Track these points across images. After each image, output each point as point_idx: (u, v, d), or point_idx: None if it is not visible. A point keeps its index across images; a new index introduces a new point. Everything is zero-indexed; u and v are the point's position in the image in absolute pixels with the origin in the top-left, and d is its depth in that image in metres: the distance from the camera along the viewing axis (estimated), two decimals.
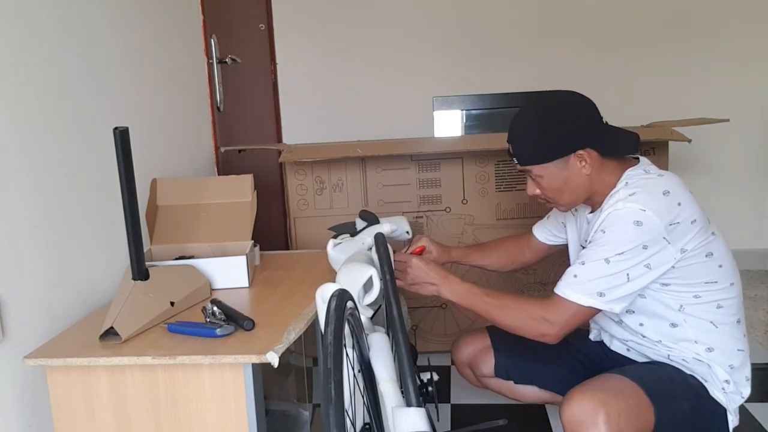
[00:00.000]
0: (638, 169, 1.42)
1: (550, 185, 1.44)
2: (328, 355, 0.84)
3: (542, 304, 1.41)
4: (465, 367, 1.76)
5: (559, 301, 1.38)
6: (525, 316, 1.42)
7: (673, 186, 1.36)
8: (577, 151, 1.39)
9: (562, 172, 1.41)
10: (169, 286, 1.43)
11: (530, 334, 1.42)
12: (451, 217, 2.42)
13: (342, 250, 1.50)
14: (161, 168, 1.97)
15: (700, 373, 1.42)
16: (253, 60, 3.11)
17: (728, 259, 1.42)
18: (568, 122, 1.40)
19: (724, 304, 1.41)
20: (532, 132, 1.42)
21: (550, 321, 1.38)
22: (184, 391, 1.21)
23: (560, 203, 1.48)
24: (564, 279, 1.39)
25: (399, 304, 1.21)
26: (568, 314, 1.37)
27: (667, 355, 1.45)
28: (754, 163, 3.41)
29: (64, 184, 1.46)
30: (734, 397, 1.43)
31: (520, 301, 1.46)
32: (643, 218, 1.31)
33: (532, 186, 1.49)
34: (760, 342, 2.55)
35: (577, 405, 1.30)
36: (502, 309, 1.45)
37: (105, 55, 1.68)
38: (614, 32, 3.37)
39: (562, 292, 1.38)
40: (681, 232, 1.33)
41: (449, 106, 3.44)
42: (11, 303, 1.27)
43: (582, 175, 1.41)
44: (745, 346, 1.45)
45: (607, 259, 1.33)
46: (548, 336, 1.40)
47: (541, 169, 1.43)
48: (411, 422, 0.93)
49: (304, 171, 2.40)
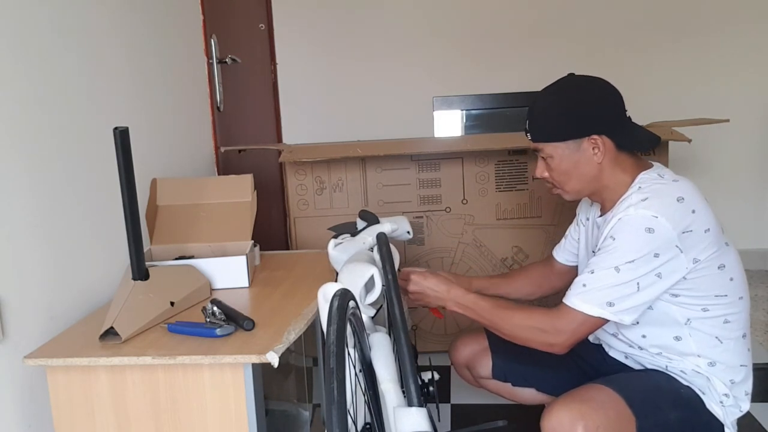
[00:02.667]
0: (652, 173, 1.38)
1: (559, 167, 1.41)
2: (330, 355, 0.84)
3: (550, 314, 1.37)
4: (463, 368, 1.75)
5: (567, 311, 1.34)
6: (532, 327, 1.38)
7: (688, 193, 1.32)
8: (591, 136, 1.37)
9: (573, 154, 1.39)
10: (169, 286, 1.43)
11: (537, 345, 1.38)
12: (451, 217, 2.42)
13: (343, 250, 1.50)
14: (161, 168, 1.97)
15: (698, 385, 1.39)
16: (253, 60, 3.11)
17: (739, 272, 1.38)
18: (587, 104, 1.38)
19: (731, 318, 1.37)
20: (550, 109, 1.40)
21: (557, 331, 1.35)
22: (184, 391, 1.21)
23: (566, 189, 1.45)
24: (573, 288, 1.35)
25: (401, 303, 1.21)
26: (575, 324, 1.33)
27: (665, 365, 1.42)
28: (754, 163, 3.41)
29: (64, 184, 1.46)
30: (732, 411, 1.39)
31: (527, 312, 1.42)
32: (654, 225, 1.27)
33: (541, 167, 1.46)
34: (760, 342, 2.55)
35: (556, 417, 1.29)
36: (508, 320, 1.42)
37: (105, 55, 1.68)
38: (614, 32, 3.37)
39: (570, 302, 1.34)
40: (694, 241, 1.29)
41: (449, 106, 3.44)
42: (11, 303, 1.26)
43: (593, 163, 1.38)
44: (749, 361, 1.41)
45: (617, 268, 1.29)
46: (556, 346, 1.36)
47: (552, 148, 1.40)
48: (412, 422, 0.93)
49: (304, 171, 2.40)
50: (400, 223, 1.61)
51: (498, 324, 1.43)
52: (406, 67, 3.46)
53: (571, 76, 1.44)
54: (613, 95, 1.40)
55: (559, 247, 1.71)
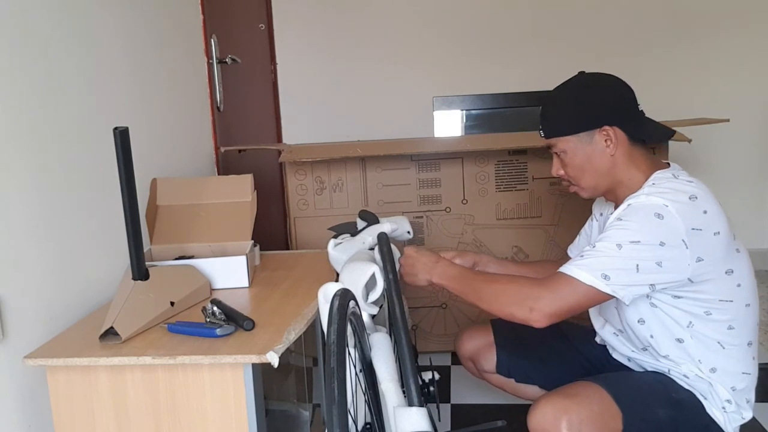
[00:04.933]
0: (667, 172, 1.36)
1: (573, 161, 1.40)
2: (331, 355, 0.84)
3: (540, 281, 1.31)
4: (467, 360, 1.75)
5: (558, 276, 1.28)
6: (514, 291, 1.31)
7: (702, 194, 1.30)
8: (603, 127, 1.36)
9: (585, 147, 1.38)
10: (169, 286, 1.43)
11: (517, 311, 1.29)
12: (451, 217, 2.42)
13: (342, 249, 1.50)
14: (161, 168, 1.96)
15: (700, 390, 1.37)
16: (253, 60, 3.11)
17: (749, 279, 1.35)
18: (597, 97, 1.38)
19: (736, 325, 1.34)
20: (561, 104, 1.40)
21: (540, 295, 1.26)
22: (184, 391, 1.21)
23: (582, 185, 1.43)
24: (571, 261, 1.32)
25: (402, 303, 1.21)
26: (564, 290, 1.26)
27: (668, 369, 1.41)
28: (754, 163, 3.41)
29: (64, 184, 1.46)
30: (735, 417, 1.37)
31: (515, 280, 1.35)
32: (664, 213, 1.25)
33: (556, 164, 1.45)
34: (760, 342, 2.55)
35: (540, 412, 1.28)
36: (491, 285, 1.36)
37: (105, 55, 1.68)
38: (614, 32, 3.37)
39: (565, 269, 1.28)
40: (701, 241, 1.26)
41: (449, 106, 3.44)
42: (11, 303, 1.26)
43: (606, 155, 1.37)
44: (753, 369, 1.38)
45: (620, 245, 1.25)
46: (535, 311, 1.26)
47: (564, 143, 1.39)
48: (413, 422, 0.93)
49: (304, 171, 2.40)
50: (400, 222, 1.61)
51: (480, 292, 1.36)
52: (406, 67, 3.46)
53: (581, 74, 1.44)
54: (624, 88, 1.40)
55: (574, 245, 1.70)
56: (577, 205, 2.33)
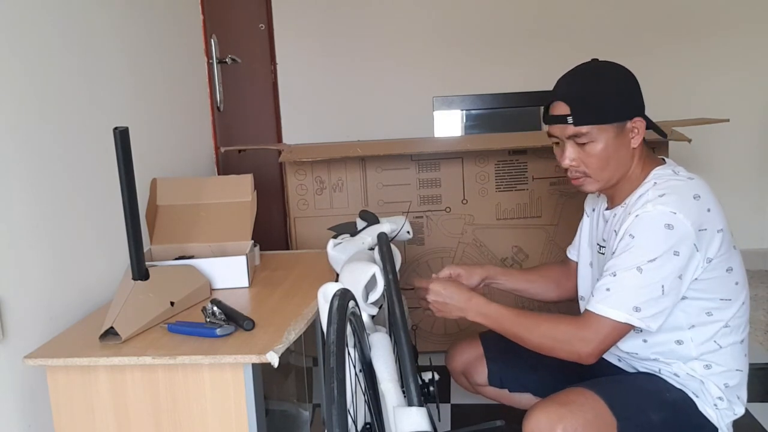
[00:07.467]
0: (666, 169, 1.36)
1: (601, 152, 1.34)
2: (330, 355, 0.84)
3: (576, 323, 1.32)
4: (460, 375, 1.72)
5: (594, 319, 1.29)
6: (558, 337, 1.32)
7: (703, 191, 1.30)
8: (635, 117, 1.34)
9: (616, 138, 1.33)
10: (169, 286, 1.43)
11: (565, 356, 1.32)
12: (451, 217, 2.42)
13: (342, 250, 1.50)
14: (161, 168, 1.96)
15: (691, 388, 1.37)
16: (253, 60, 3.11)
17: (742, 276, 1.36)
18: (632, 85, 1.36)
19: (732, 324, 1.35)
20: (596, 91, 1.35)
21: (585, 341, 1.29)
22: (184, 391, 1.21)
23: (598, 177, 1.37)
24: (597, 294, 1.30)
25: (402, 303, 1.21)
26: (604, 332, 1.28)
27: (658, 369, 1.41)
28: (754, 163, 3.41)
29: (64, 184, 1.46)
30: (727, 413, 1.37)
31: (552, 321, 1.36)
32: (674, 221, 1.25)
33: (573, 152, 1.36)
34: (760, 342, 2.55)
35: (534, 420, 1.28)
36: (534, 330, 1.35)
37: (105, 55, 1.68)
38: (614, 32, 3.37)
39: (595, 308, 1.29)
40: (708, 240, 1.28)
41: (449, 106, 3.44)
42: (11, 303, 1.26)
43: (629, 148, 1.35)
44: (745, 366, 1.40)
45: (639, 268, 1.26)
46: (584, 357, 1.30)
47: (598, 131, 1.33)
48: (413, 422, 0.93)
49: (304, 171, 2.40)
50: (400, 223, 1.61)
51: (523, 335, 1.37)
52: (406, 67, 3.46)
53: (595, 61, 1.42)
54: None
55: (572, 246, 1.68)
56: (577, 205, 2.33)
